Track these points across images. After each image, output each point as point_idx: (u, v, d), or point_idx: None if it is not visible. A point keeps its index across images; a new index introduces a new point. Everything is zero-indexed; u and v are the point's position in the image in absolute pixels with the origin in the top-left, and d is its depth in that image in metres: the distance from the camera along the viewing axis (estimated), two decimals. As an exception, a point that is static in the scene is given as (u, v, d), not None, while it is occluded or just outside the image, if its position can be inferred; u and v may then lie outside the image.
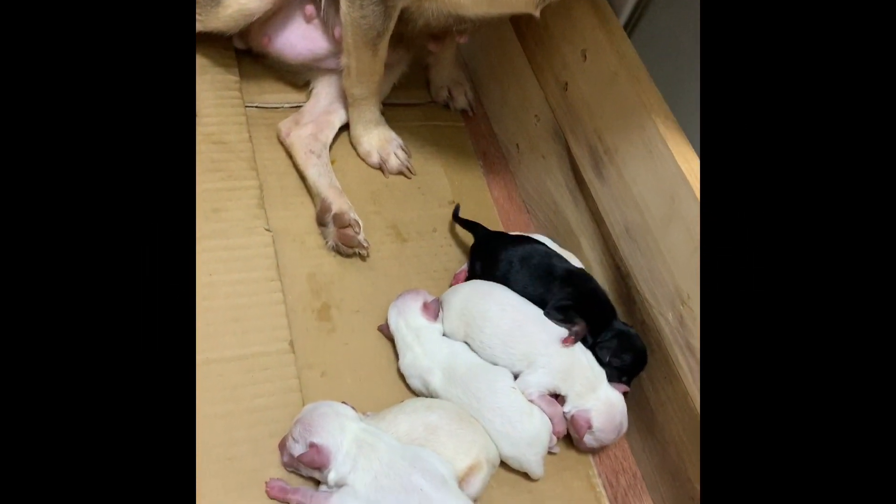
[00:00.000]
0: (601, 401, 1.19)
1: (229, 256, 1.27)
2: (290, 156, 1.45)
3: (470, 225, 1.40)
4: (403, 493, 1.01)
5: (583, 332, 1.21)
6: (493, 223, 1.51)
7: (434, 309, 1.25)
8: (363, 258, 1.38)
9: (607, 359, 1.22)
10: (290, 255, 1.34)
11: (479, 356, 1.23)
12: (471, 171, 1.59)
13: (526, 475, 1.20)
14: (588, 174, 1.34)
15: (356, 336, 1.29)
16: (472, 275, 1.34)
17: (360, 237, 1.35)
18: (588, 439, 1.20)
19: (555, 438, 1.20)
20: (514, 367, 1.21)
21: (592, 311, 1.24)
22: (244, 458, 1.09)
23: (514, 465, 1.19)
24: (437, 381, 1.20)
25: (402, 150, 1.52)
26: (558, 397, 1.21)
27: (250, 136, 1.44)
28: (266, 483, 1.07)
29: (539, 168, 1.50)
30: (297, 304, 1.29)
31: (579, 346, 1.22)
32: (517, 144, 1.58)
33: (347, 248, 1.35)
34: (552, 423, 1.19)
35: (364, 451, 1.03)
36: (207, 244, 1.26)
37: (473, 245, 1.38)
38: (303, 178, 1.43)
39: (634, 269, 1.25)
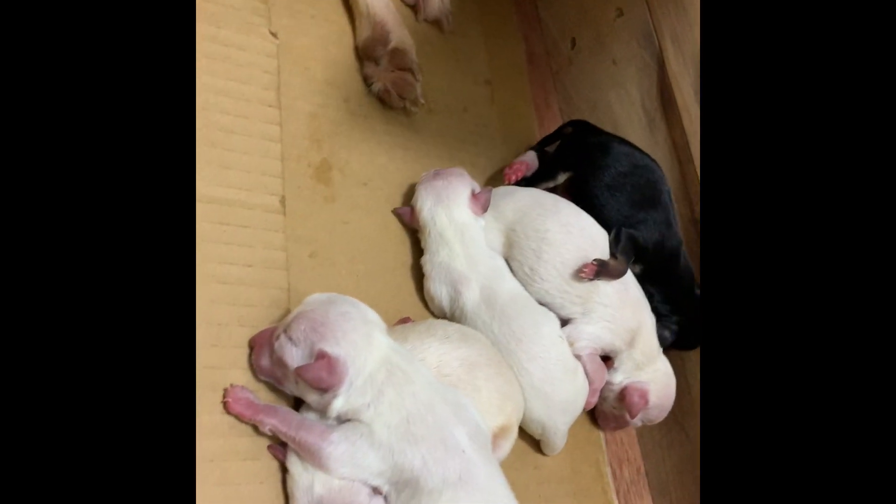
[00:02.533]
0: (661, 373, 0.95)
1: (215, 52, 0.86)
2: None
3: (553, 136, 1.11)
4: (442, 450, 0.70)
5: (615, 270, 0.92)
6: (527, 126, 1.20)
7: (485, 201, 0.93)
8: (407, 114, 1.03)
9: (668, 339, 0.98)
10: (290, 80, 0.95)
11: (524, 287, 0.93)
12: (512, 53, 1.26)
13: (537, 445, 0.94)
14: (684, 97, 1.06)
15: (359, 215, 0.94)
16: (537, 179, 1.03)
17: (419, 89, 1.01)
18: (638, 417, 0.96)
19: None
20: (563, 311, 0.93)
21: (668, 275, 0.98)
22: (199, 349, 0.72)
23: (535, 432, 0.91)
24: (471, 298, 0.89)
25: (448, -6, 1.16)
26: (606, 361, 0.95)
27: None
28: (226, 391, 0.72)
29: (602, 75, 1.20)
30: (291, 150, 0.91)
31: (646, 301, 0.96)
32: (573, 39, 1.27)
33: (398, 97, 1.00)
34: (590, 390, 0.93)
35: (396, 381, 0.71)
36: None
37: (561, 142, 1.06)
38: None
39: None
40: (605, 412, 0.99)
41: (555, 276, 0.92)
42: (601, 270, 0.90)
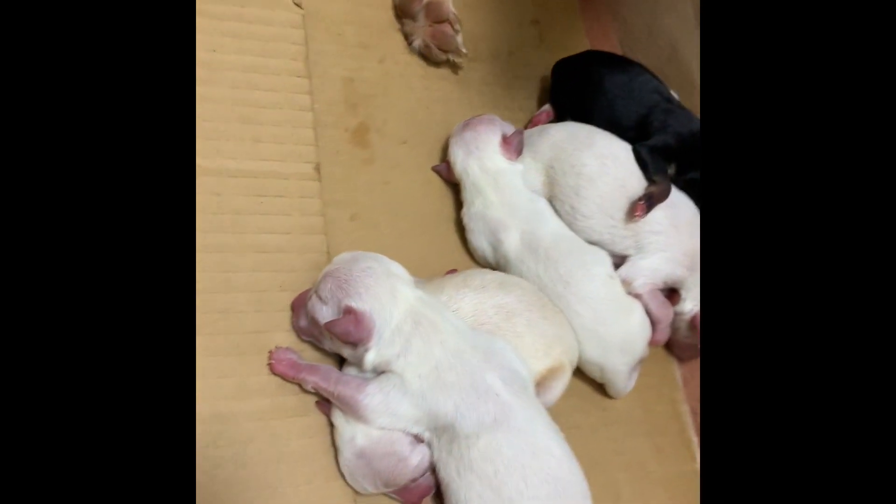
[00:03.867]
0: None
1: (241, 30, 0.89)
2: None
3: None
4: (473, 396, 0.70)
5: (662, 194, 0.87)
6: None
7: (517, 144, 0.91)
8: (455, 69, 1.03)
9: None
10: (321, 48, 0.97)
11: (570, 227, 0.91)
12: (561, -11, 1.21)
13: (602, 388, 0.91)
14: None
15: (400, 174, 0.95)
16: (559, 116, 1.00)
17: (459, 39, 0.99)
18: None
19: (647, 349, 0.91)
20: (616, 248, 0.90)
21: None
22: (243, 315, 0.77)
23: (594, 375, 0.89)
24: (512, 244, 0.88)
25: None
26: (672, 295, 0.91)
27: None
28: (271, 353, 0.76)
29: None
30: (327, 117, 0.93)
31: (699, 217, 0.91)
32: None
33: (440, 52, 1.00)
34: (657, 329, 0.89)
35: (423, 331, 0.71)
36: (210, 7, 0.87)
37: (554, 70, 1.03)
38: None
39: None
40: (680, 342, 0.96)
41: (596, 211, 0.88)
42: (651, 202, 0.86)
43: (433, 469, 0.74)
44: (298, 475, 0.74)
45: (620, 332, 0.86)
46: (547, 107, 1.03)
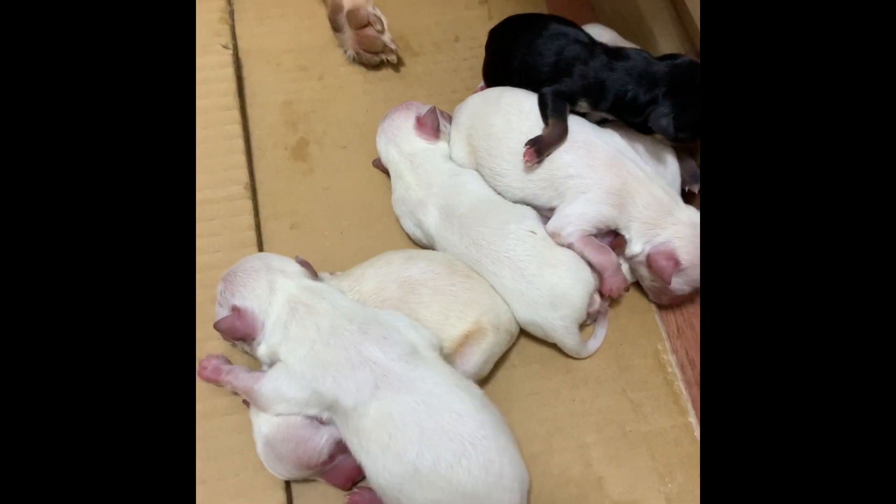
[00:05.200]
0: (683, 223, 0.83)
1: (176, 83, 0.99)
2: None
3: None
4: (348, 368, 0.71)
5: (550, 136, 0.83)
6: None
7: (432, 123, 0.91)
8: (396, 67, 1.07)
9: (662, 121, 0.83)
10: (261, 79, 1.05)
11: (499, 194, 0.88)
12: (513, -38, 1.20)
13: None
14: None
15: (341, 178, 0.98)
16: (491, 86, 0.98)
17: (386, 37, 1.03)
18: (678, 282, 0.84)
19: (596, 300, 0.85)
20: (540, 202, 0.86)
21: (623, 98, 0.84)
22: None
23: (539, 335, 0.85)
24: (431, 221, 0.88)
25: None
26: (618, 239, 0.85)
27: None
28: (201, 361, 0.82)
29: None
30: (266, 140, 1.00)
31: (626, 153, 0.85)
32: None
33: (371, 54, 1.04)
34: (603, 277, 0.84)
35: (299, 316, 0.74)
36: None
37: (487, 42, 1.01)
38: None
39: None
40: (650, 288, 0.89)
41: (509, 169, 0.86)
42: (539, 146, 0.82)
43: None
44: (227, 469, 0.79)
45: (546, 288, 0.81)
46: (482, 83, 1.01)
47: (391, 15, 1.12)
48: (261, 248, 0.92)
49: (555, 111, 0.83)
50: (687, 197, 0.92)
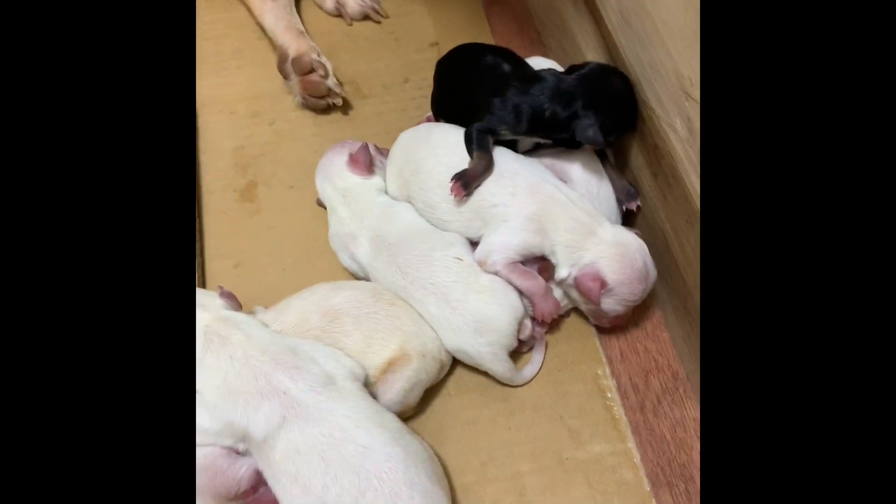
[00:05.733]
0: (607, 243, 0.81)
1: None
2: (248, 10, 1.19)
3: None
4: (258, 397, 0.71)
5: (474, 170, 0.84)
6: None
7: (364, 159, 0.93)
8: (344, 110, 1.10)
9: (589, 132, 0.83)
10: (214, 127, 1.08)
11: (430, 224, 0.89)
12: (465, 5, 1.23)
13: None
14: None
15: (286, 217, 1.00)
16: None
17: (330, 82, 1.06)
18: (608, 302, 0.83)
19: (528, 325, 0.84)
20: (471, 233, 0.86)
21: (541, 118, 0.85)
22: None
23: (469, 362, 0.85)
24: (363, 252, 0.88)
25: (364, -13, 1.20)
26: (546, 264, 0.85)
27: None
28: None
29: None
30: (215, 184, 1.03)
31: (548, 180, 0.85)
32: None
33: (317, 99, 1.07)
34: (533, 302, 0.83)
35: (213, 347, 0.75)
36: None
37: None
38: (263, 31, 1.16)
39: (635, 65, 0.84)
40: (587, 311, 0.88)
41: (439, 201, 0.86)
42: (465, 179, 0.83)
43: (273, 481, 0.74)
44: None
45: (470, 313, 0.81)
46: (428, 114, 1.03)
47: (343, 60, 1.16)
48: (204, 286, 0.94)
49: (479, 146, 0.84)
50: (627, 216, 0.92)
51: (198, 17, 1.20)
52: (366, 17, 1.20)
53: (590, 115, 0.83)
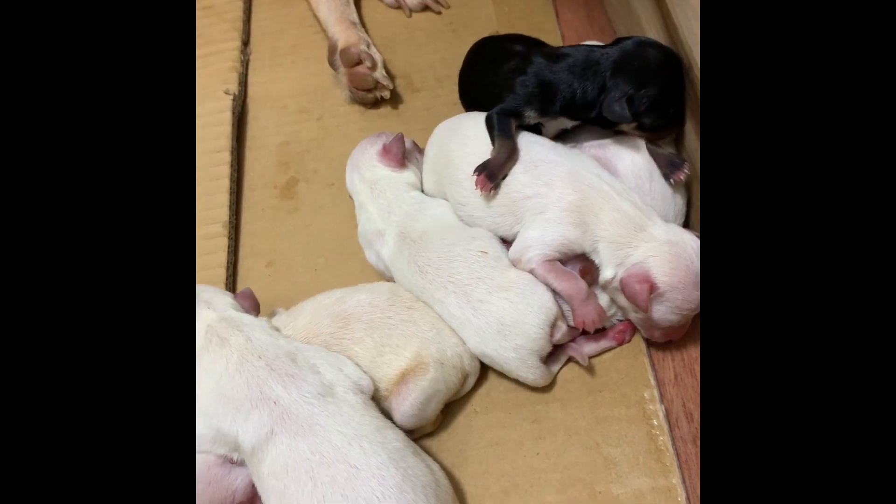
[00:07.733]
0: (658, 240, 0.72)
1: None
2: (307, 2, 1.16)
3: None
4: (247, 405, 0.66)
5: (500, 159, 0.76)
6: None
7: (396, 150, 0.86)
8: (393, 104, 1.05)
9: (615, 106, 0.75)
10: (264, 122, 1.06)
11: (462, 220, 0.82)
12: (530, -6, 1.14)
13: (534, 399, 0.77)
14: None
15: (322, 215, 0.96)
16: None
17: (378, 74, 1.01)
18: (660, 310, 0.72)
19: (562, 328, 0.74)
20: (503, 230, 0.79)
21: (566, 94, 0.77)
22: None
23: (496, 368, 0.77)
24: (387, 250, 0.82)
25: (427, -22, 1.14)
26: (589, 265, 0.76)
27: (243, -5, 1.18)
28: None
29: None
30: (258, 181, 1.00)
31: (589, 168, 0.76)
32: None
33: (364, 92, 1.03)
34: (573, 308, 0.74)
35: (212, 348, 0.70)
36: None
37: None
38: (319, 24, 1.13)
39: (693, 48, 0.73)
40: (636, 322, 0.77)
41: (469, 196, 0.79)
42: (488, 170, 0.75)
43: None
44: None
45: (493, 314, 0.73)
46: None
47: (398, 53, 1.11)
48: (234, 286, 0.91)
49: (501, 130, 0.77)
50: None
51: (255, 13, 1.19)
52: (425, 8, 1.14)
53: (617, 88, 0.74)
